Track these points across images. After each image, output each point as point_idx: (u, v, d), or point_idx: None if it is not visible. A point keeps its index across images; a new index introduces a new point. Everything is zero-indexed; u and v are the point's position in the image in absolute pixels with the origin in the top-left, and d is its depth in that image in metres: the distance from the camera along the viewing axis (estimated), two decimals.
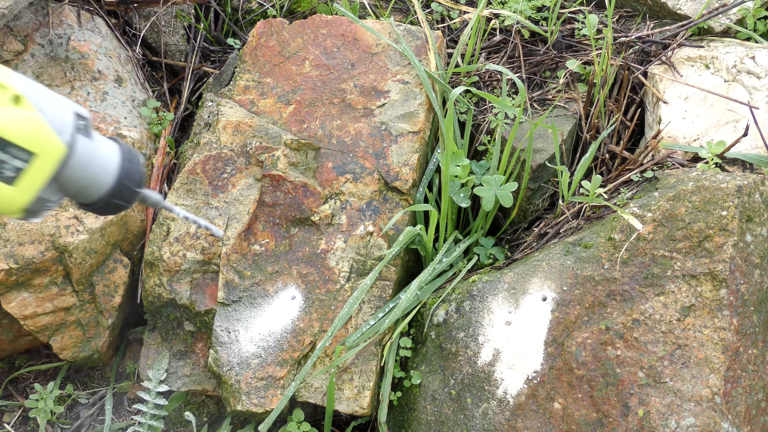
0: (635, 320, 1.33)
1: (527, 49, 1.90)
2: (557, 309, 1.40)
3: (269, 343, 1.50)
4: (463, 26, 1.94)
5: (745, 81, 1.67)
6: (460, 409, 1.42)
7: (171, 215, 1.62)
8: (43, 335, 1.59)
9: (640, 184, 1.56)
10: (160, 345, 1.63)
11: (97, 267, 1.61)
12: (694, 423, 1.25)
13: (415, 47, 1.75)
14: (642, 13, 1.93)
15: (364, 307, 1.52)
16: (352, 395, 1.47)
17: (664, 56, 1.77)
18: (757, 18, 1.80)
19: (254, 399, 1.46)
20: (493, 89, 1.84)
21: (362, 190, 1.59)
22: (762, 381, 1.31)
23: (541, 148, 1.66)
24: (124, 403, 1.72)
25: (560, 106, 1.76)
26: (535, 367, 1.38)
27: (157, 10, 1.95)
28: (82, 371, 1.76)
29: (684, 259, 1.34)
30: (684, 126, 1.64)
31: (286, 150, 1.61)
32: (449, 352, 1.47)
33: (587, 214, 1.57)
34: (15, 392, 1.74)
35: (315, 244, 1.57)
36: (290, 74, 1.73)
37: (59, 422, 1.68)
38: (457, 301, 1.50)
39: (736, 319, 1.29)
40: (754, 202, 1.35)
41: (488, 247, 1.67)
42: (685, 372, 1.28)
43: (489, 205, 1.57)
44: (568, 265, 1.43)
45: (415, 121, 1.64)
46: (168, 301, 1.60)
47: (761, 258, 1.34)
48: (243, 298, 1.54)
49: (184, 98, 1.95)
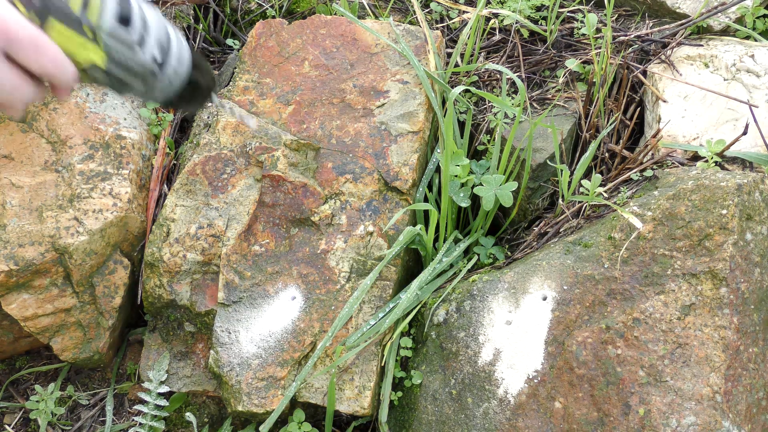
0: (636, 319, 1.33)
1: (526, 48, 1.90)
2: (557, 308, 1.40)
3: (270, 344, 1.50)
4: (463, 26, 1.94)
5: (745, 79, 1.67)
6: (461, 408, 1.42)
7: (171, 215, 1.62)
8: (44, 336, 1.59)
9: (640, 183, 1.56)
10: (160, 346, 1.63)
11: (98, 268, 1.61)
12: (694, 421, 1.26)
13: (415, 47, 1.75)
14: (641, 12, 1.93)
15: (365, 307, 1.52)
16: (353, 395, 1.47)
17: (664, 55, 1.77)
18: (756, 16, 1.80)
19: (255, 399, 1.46)
20: (492, 89, 1.84)
21: (362, 190, 1.60)
22: (763, 379, 1.31)
23: (541, 147, 1.66)
24: (124, 404, 1.72)
25: (560, 106, 1.76)
26: (535, 367, 1.38)
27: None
28: (83, 372, 1.76)
29: (684, 257, 1.34)
30: (683, 125, 1.64)
31: (286, 150, 1.61)
32: (450, 352, 1.47)
33: (587, 213, 1.57)
34: (16, 394, 1.74)
35: (315, 245, 1.57)
36: (289, 74, 1.73)
37: (60, 423, 1.68)
38: (457, 300, 1.50)
39: (737, 317, 1.29)
40: (754, 200, 1.35)
41: (488, 247, 1.67)
42: (685, 371, 1.28)
43: (489, 204, 1.57)
44: (569, 265, 1.43)
45: (414, 121, 1.64)
46: (168, 302, 1.60)
47: (761, 256, 1.34)
48: (243, 298, 1.54)
49: None
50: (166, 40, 0.73)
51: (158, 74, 0.74)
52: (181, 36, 0.77)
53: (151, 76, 0.73)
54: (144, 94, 0.76)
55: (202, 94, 0.82)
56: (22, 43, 0.63)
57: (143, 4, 0.72)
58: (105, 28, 0.67)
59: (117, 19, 0.68)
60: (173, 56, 0.74)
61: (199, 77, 0.79)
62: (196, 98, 0.82)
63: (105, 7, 0.67)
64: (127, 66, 0.70)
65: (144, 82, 0.74)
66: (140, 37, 0.70)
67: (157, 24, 0.72)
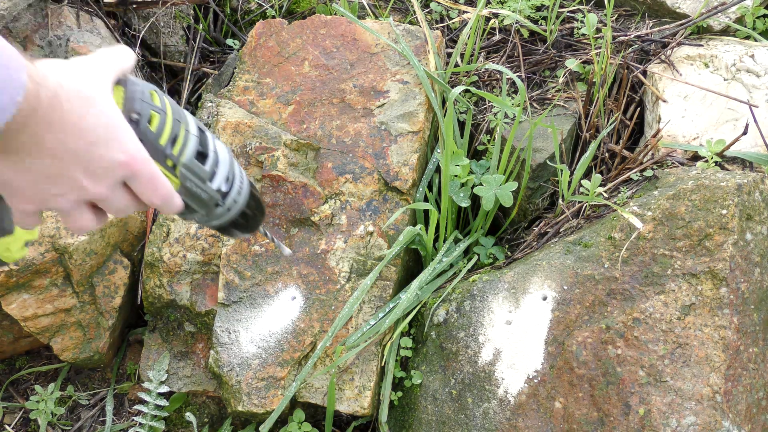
0: (636, 319, 1.33)
1: (526, 48, 1.90)
2: (557, 308, 1.40)
3: (270, 344, 1.50)
4: (462, 26, 1.94)
5: (745, 79, 1.67)
6: (461, 408, 1.42)
7: (171, 216, 1.62)
8: (44, 336, 1.59)
9: (640, 183, 1.56)
10: (160, 346, 1.63)
11: (98, 268, 1.61)
12: (695, 421, 1.25)
13: (415, 47, 1.74)
14: (641, 12, 1.93)
15: (365, 307, 1.52)
16: (353, 395, 1.47)
17: (664, 55, 1.77)
18: (756, 16, 1.80)
19: (255, 399, 1.46)
20: (492, 89, 1.84)
21: (362, 190, 1.59)
22: (763, 379, 1.31)
23: (541, 147, 1.66)
24: (124, 404, 1.72)
25: (560, 106, 1.76)
26: (535, 367, 1.38)
27: (156, 11, 1.95)
28: (83, 372, 1.76)
29: (684, 257, 1.34)
30: (683, 125, 1.64)
31: (286, 150, 1.61)
32: (450, 352, 1.47)
33: (587, 213, 1.57)
34: (16, 394, 1.74)
35: (315, 245, 1.57)
36: (289, 74, 1.73)
37: (60, 423, 1.68)
38: (457, 300, 1.50)
39: (737, 317, 1.29)
40: (754, 200, 1.35)
41: (488, 247, 1.67)
42: (685, 371, 1.28)
43: (489, 204, 1.57)
44: (569, 265, 1.43)
45: (414, 121, 1.64)
46: (168, 302, 1.60)
47: (761, 256, 1.34)
48: (243, 298, 1.54)
49: (184, 99, 1.95)
50: (231, 173, 0.81)
51: (221, 204, 0.81)
52: (243, 170, 0.85)
53: (215, 205, 0.81)
54: (203, 220, 0.83)
55: (252, 225, 0.89)
56: (142, 179, 0.70)
57: (216, 140, 0.80)
58: (184, 161, 0.75)
59: (195, 155, 0.76)
60: (235, 188, 0.82)
61: (252, 210, 0.87)
62: (245, 227, 0.89)
63: (188, 143, 0.75)
64: (197, 195, 0.78)
65: (207, 210, 0.81)
66: (212, 172, 0.78)
67: (227, 159, 0.80)
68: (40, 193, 0.67)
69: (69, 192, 0.68)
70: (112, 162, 0.67)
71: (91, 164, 0.67)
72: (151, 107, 0.71)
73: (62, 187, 0.67)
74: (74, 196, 0.68)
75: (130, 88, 0.71)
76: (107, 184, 0.69)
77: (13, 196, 0.68)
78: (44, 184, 0.66)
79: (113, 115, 0.68)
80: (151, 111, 0.71)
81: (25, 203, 0.68)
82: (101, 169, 0.67)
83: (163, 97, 0.73)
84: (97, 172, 0.67)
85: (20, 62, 0.57)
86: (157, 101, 0.72)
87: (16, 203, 0.69)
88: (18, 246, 0.83)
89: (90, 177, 0.67)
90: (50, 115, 0.61)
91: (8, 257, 0.83)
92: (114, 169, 0.68)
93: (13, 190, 0.67)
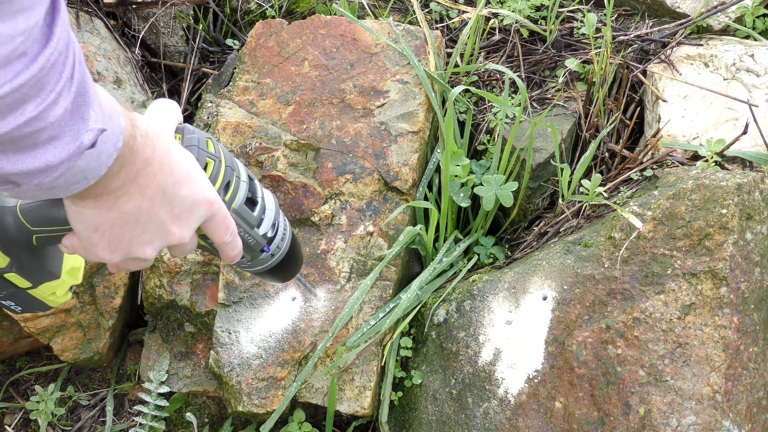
0: (636, 319, 1.33)
1: (526, 48, 1.90)
2: (558, 308, 1.40)
3: (270, 344, 1.50)
4: (462, 26, 1.94)
5: (745, 79, 1.67)
6: (461, 408, 1.42)
7: None
8: (44, 337, 1.59)
9: (640, 182, 1.56)
10: (160, 346, 1.63)
11: (98, 268, 1.61)
12: (695, 421, 1.25)
13: (414, 47, 1.74)
14: (641, 11, 1.93)
15: (365, 308, 1.52)
16: (353, 395, 1.47)
17: (663, 55, 1.77)
18: (755, 16, 1.80)
19: (255, 400, 1.46)
20: (492, 88, 1.84)
21: (362, 191, 1.59)
22: (763, 379, 1.31)
23: (541, 147, 1.66)
24: (124, 405, 1.72)
25: (560, 105, 1.76)
26: (535, 366, 1.38)
27: (156, 12, 1.95)
28: (83, 373, 1.76)
29: (684, 257, 1.34)
30: (683, 124, 1.64)
31: (286, 150, 1.61)
32: (450, 352, 1.47)
33: (587, 212, 1.57)
34: (16, 394, 1.74)
35: (315, 245, 1.57)
36: (289, 75, 1.73)
37: (60, 424, 1.68)
38: (457, 300, 1.50)
39: (737, 317, 1.29)
40: (754, 200, 1.35)
41: (488, 247, 1.67)
42: (685, 370, 1.28)
43: (489, 204, 1.57)
44: (569, 264, 1.43)
45: (414, 121, 1.64)
46: (168, 303, 1.60)
47: (761, 256, 1.34)
48: (243, 299, 1.54)
49: (184, 99, 1.95)
50: (277, 220, 0.85)
51: (266, 250, 0.85)
52: (287, 219, 0.89)
53: (260, 251, 0.84)
54: (247, 265, 0.87)
55: (289, 272, 0.93)
56: (218, 219, 0.73)
57: (264, 188, 0.84)
58: (235, 207, 0.78)
59: (245, 201, 0.79)
60: (279, 235, 0.86)
61: (293, 257, 0.90)
62: (283, 275, 0.93)
63: (239, 189, 0.78)
64: (244, 241, 0.81)
65: (252, 255, 0.84)
66: (259, 218, 0.82)
67: (273, 206, 0.84)
68: (128, 239, 0.67)
69: (157, 239, 0.69)
70: (195, 201, 0.69)
71: (176, 205, 0.68)
72: (207, 154, 0.74)
73: (151, 234, 0.68)
74: (160, 243, 0.69)
75: (188, 136, 0.74)
76: (189, 226, 0.70)
77: (98, 244, 0.68)
78: (134, 228, 0.67)
79: (189, 157, 0.70)
80: (206, 158, 0.74)
81: (111, 252, 0.68)
82: (186, 209, 0.69)
83: (217, 146, 0.76)
84: (182, 214, 0.69)
85: (116, 109, 0.59)
86: (212, 149, 0.75)
87: (99, 252, 0.68)
88: (63, 291, 0.84)
89: (175, 220, 0.69)
90: (144, 152, 0.63)
91: (53, 301, 0.84)
92: (197, 208, 0.70)
93: (101, 236, 0.67)
